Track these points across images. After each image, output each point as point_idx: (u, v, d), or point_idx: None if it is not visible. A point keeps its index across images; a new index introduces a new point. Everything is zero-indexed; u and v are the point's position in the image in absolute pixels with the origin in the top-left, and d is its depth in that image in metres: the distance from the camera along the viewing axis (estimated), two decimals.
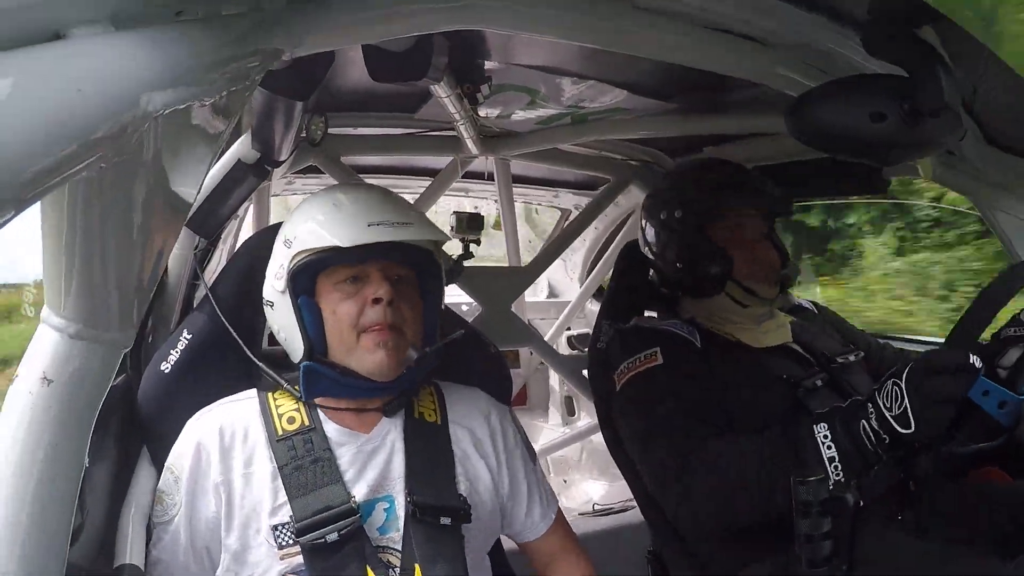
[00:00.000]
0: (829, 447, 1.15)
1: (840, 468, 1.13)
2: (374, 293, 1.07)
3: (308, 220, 1.11)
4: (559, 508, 1.30)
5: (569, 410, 2.93)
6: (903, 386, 1.08)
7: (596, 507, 2.40)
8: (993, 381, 1.09)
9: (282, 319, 1.12)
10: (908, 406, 1.07)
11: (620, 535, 2.19)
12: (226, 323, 1.19)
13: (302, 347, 1.09)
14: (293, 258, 1.09)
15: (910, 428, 1.07)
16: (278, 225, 1.34)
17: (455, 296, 2.32)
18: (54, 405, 0.69)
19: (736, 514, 1.24)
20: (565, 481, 2.79)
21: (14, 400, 0.69)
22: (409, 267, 1.14)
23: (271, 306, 1.14)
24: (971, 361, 1.05)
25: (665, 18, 0.97)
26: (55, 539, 0.70)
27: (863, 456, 1.14)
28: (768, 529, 1.23)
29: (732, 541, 1.35)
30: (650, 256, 1.64)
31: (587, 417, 2.75)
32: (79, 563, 0.92)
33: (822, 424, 1.17)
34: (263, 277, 1.20)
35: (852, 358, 1.52)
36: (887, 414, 1.10)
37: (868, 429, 1.12)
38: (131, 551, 1.03)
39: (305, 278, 1.10)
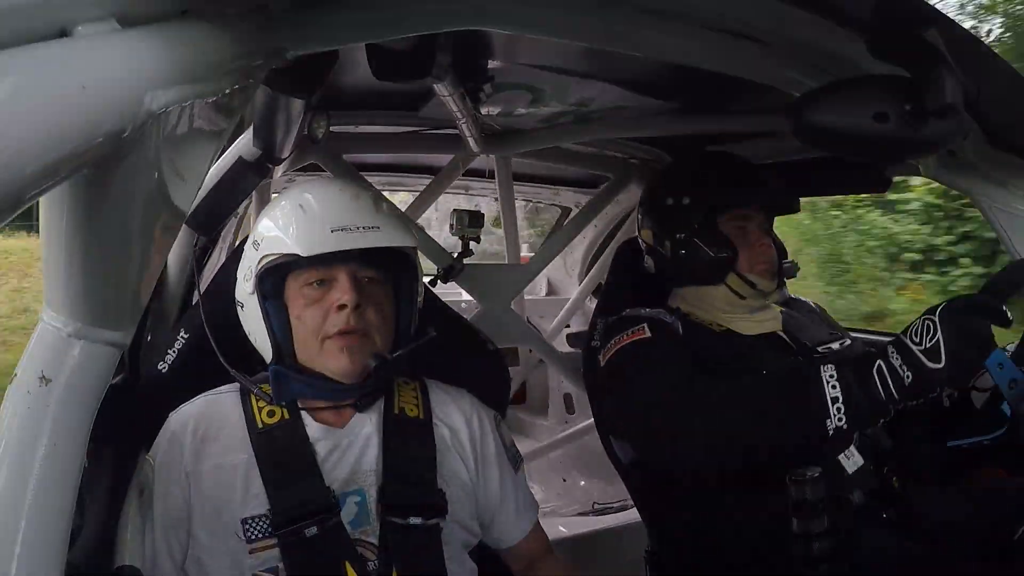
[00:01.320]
0: (834, 387, 1.09)
1: (843, 411, 1.07)
2: (338, 299, 1.06)
3: (273, 223, 1.10)
4: (536, 519, 1.29)
5: (568, 408, 2.93)
6: (936, 319, 1.04)
7: (595, 506, 2.40)
8: None
9: (251, 321, 1.12)
10: (941, 339, 1.02)
11: (619, 534, 2.19)
12: (207, 330, 1.18)
13: (271, 351, 1.09)
14: (260, 261, 1.08)
15: (940, 363, 1.02)
16: None
17: (454, 293, 2.32)
18: (52, 404, 0.68)
19: (729, 452, 1.20)
20: (564, 480, 2.79)
21: (12, 400, 0.69)
22: (379, 269, 1.12)
23: (241, 307, 1.14)
24: (1006, 312, 1.03)
25: (668, 19, 0.97)
26: (54, 540, 0.70)
27: (871, 399, 1.07)
28: (764, 527, 1.24)
29: (728, 538, 1.35)
30: (648, 244, 1.64)
31: (586, 415, 2.75)
32: (78, 564, 0.91)
33: (829, 366, 1.12)
34: None
35: (836, 346, 1.53)
36: (915, 348, 1.05)
37: (884, 368, 1.07)
38: (131, 552, 1.02)
39: (272, 281, 1.09)
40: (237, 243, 1.39)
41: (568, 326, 2.79)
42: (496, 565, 1.30)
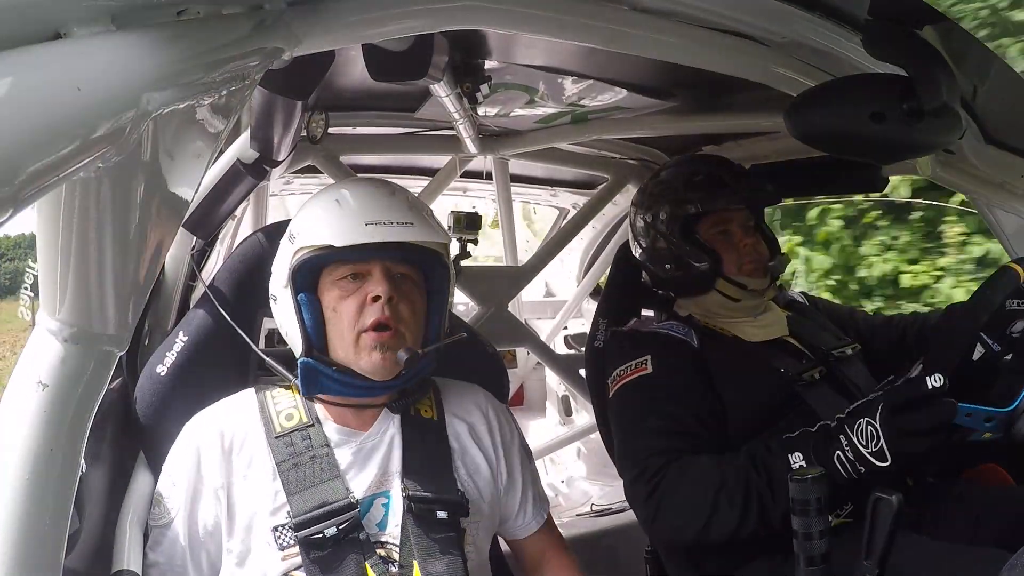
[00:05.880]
0: None
1: None
2: (373, 291, 1.07)
3: (311, 216, 1.11)
4: (549, 512, 1.30)
5: (566, 410, 2.92)
6: (878, 426, 1.11)
7: (594, 507, 2.40)
8: (992, 343, 1.10)
9: (284, 314, 1.12)
10: (884, 445, 1.10)
11: (618, 535, 2.19)
12: (228, 318, 1.19)
13: (301, 344, 1.09)
14: (295, 254, 1.08)
15: (887, 462, 1.11)
16: (275, 225, 1.33)
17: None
18: (49, 409, 0.68)
19: (707, 535, 1.24)
20: (563, 481, 2.79)
21: (9, 405, 0.68)
22: (413, 265, 1.13)
23: (275, 300, 1.14)
24: (935, 385, 1.06)
25: (664, 18, 0.97)
26: (51, 545, 0.69)
27: (835, 484, 1.13)
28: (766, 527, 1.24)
29: (729, 539, 1.35)
30: (640, 258, 1.65)
31: (584, 417, 2.74)
32: (76, 569, 0.91)
33: (796, 453, 1.18)
34: (260, 278, 1.19)
35: (849, 351, 1.53)
36: (864, 451, 1.12)
37: (844, 459, 1.14)
38: (128, 556, 1.02)
39: (306, 274, 1.09)
40: (235, 246, 1.38)
41: (566, 328, 2.79)
42: (501, 565, 1.30)
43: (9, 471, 0.66)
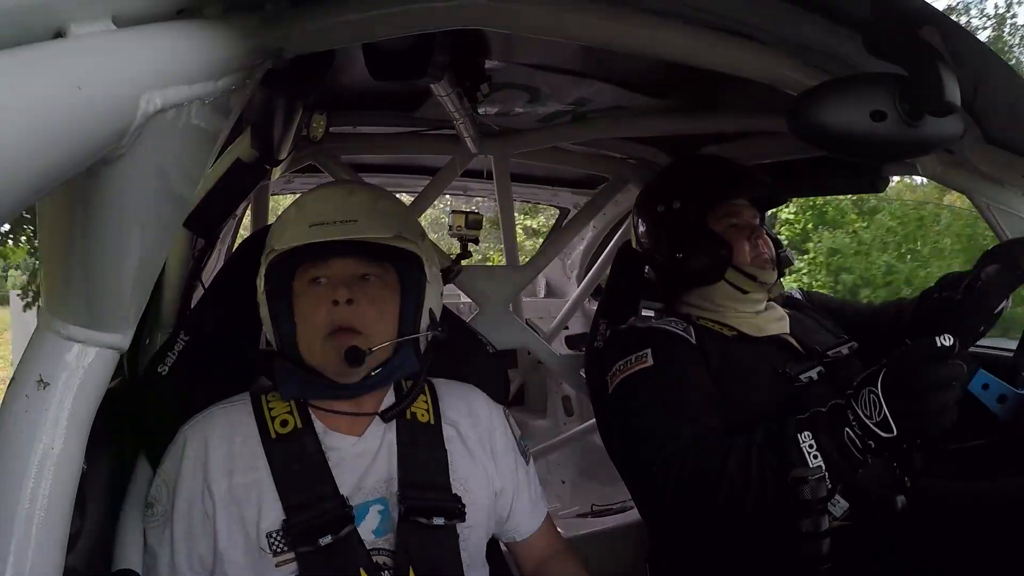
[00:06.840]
0: (815, 456, 1.13)
1: (827, 476, 1.11)
2: (333, 294, 1.06)
3: (277, 222, 1.13)
4: (548, 513, 1.29)
5: (567, 410, 2.92)
6: (879, 393, 1.07)
7: (595, 507, 2.40)
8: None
9: (264, 319, 1.12)
10: (887, 412, 1.06)
11: (619, 535, 2.19)
12: (223, 322, 1.19)
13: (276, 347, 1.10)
14: (267, 257, 1.10)
15: (892, 432, 1.06)
16: None
17: (453, 295, 2.31)
18: (50, 408, 0.68)
19: (726, 513, 1.22)
20: (564, 481, 2.79)
21: (10, 404, 0.68)
22: (381, 265, 1.11)
23: (260, 305, 1.14)
24: (944, 344, 1.01)
25: (665, 17, 0.97)
26: (52, 544, 0.69)
27: (850, 463, 1.12)
28: (767, 526, 1.24)
29: (730, 539, 1.35)
30: (644, 250, 1.65)
31: (585, 417, 2.75)
32: (77, 568, 0.91)
33: (806, 433, 1.15)
34: None
35: (846, 351, 1.53)
36: (868, 423, 1.09)
37: (853, 435, 1.11)
38: (129, 555, 1.02)
39: (278, 278, 1.10)
40: (236, 246, 1.39)
41: (567, 328, 2.79)
42: (501, 567, 1.30)
43: (9, 470, 0.66)
